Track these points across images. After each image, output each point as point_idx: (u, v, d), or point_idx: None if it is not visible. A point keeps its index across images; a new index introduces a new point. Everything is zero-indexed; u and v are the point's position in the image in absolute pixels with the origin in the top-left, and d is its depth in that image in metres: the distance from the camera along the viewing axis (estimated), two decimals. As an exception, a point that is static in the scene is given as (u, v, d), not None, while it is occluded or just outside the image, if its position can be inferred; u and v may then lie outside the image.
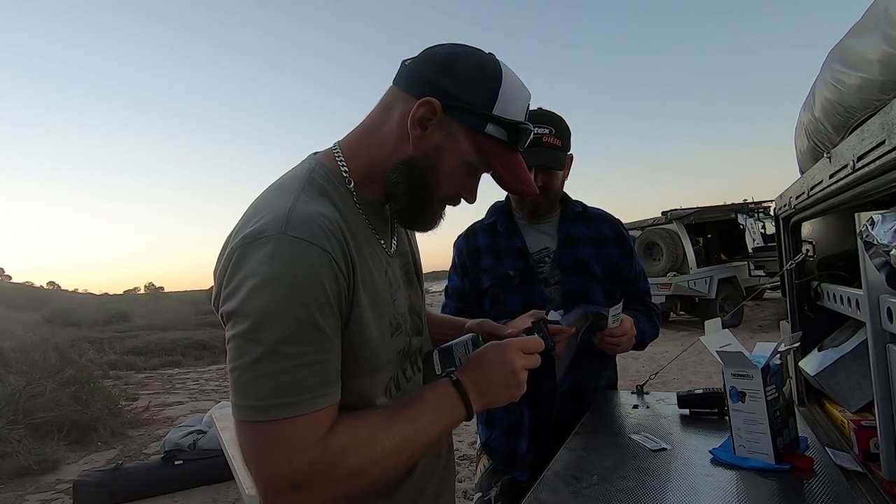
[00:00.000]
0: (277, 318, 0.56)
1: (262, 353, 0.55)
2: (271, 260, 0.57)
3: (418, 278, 0.86)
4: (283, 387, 0.56)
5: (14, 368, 5.44)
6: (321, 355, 0.59)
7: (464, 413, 0.69)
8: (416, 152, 0.68)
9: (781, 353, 0.91)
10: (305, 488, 0.57)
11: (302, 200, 0.64)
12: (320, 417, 0.58)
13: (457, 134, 0.68)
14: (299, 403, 0.56)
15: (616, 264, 1.36)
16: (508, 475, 1.33)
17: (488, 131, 0.67)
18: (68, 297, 31.95)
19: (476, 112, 0.67)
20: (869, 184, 0.80)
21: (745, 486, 0.78)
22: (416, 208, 0.72)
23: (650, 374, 1.53)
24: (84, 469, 3.75)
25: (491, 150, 0.69)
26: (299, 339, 0.57)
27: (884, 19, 0.74)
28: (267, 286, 0.56)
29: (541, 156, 1.26)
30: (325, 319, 0.59)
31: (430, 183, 0.70)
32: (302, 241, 0.58)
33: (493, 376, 0.71)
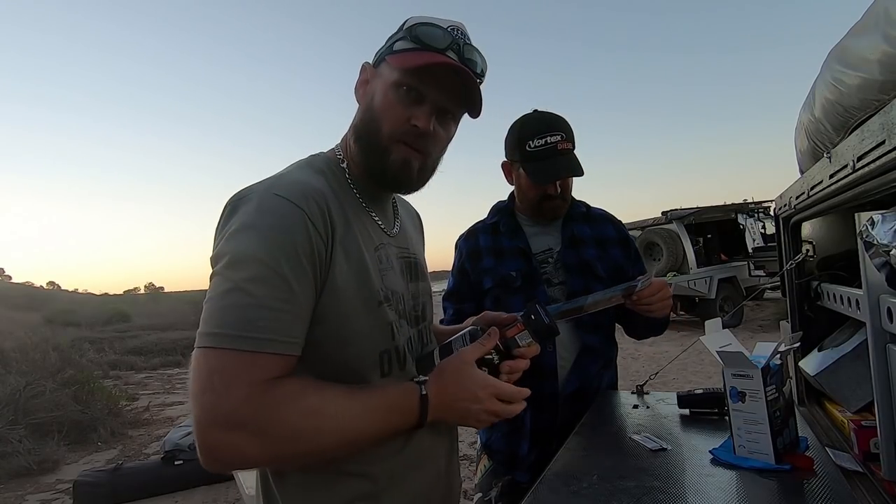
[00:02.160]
0: (247, 260, 0.61)
1: (229, 287, 0.60)
2: (252, 211, 0.64)
3: (421, 276, 0.88)
4: (238, 321, 0.58)
5: (14, 368, 5.45)
6: (281, 304, 0.61)
7: (416, 422, 0.69)
8: (364, 108, 0.76)
9: (781, 353, 0.91)
10: (237, 427, 0.57)
11: (294, 173, 0.72)
12: (267, 361, 0.59)
13: (382, 71, 0.75)
14: (249, 339, 0.58)
15: (620, 265, 1.36)
16: (509, 476, 1.33)
17: (396, 48, 0.73)
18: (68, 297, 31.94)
19: (387, 45, 0.75)
20: (869, 184, 0.80)
21: (745, 486, 0.78)
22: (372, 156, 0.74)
23: (650, 374, 1.53)
24: (84, 469, 3.75)
25: (400, 57, 0.72)
26: (263, 282, 0.60)
27: (884, 19, 0.74)
28: (243, 231, 0.62)
29: (562, 167, 1.27)
30: (291, 271, 0.62)
31: (371, 123, 0.74)
32: (281, 198, 0.64)
33: (459, 404, 0.70)
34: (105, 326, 14.63)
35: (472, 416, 0.71)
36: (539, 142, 1.26)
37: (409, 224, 0.94)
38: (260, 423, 0.58)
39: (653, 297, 1.12)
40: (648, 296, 1.12)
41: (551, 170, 1.27)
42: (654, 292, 1.12)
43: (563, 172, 1.28)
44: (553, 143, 1.26)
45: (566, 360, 1.29)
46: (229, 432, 0.57)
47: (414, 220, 1.00)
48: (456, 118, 0.78)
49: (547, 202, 1.32)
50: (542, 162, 1.27)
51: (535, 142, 1.26)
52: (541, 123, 1.28)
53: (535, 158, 1.27)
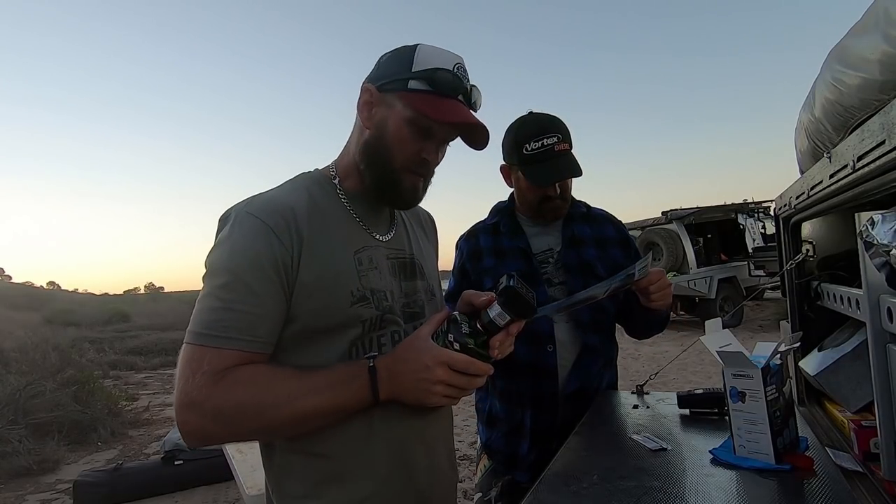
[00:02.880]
0: (219, 270, 0.72)
1: (206, 293, 0.72)
2: (228, 228, 0.75)
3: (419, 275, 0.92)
4: (208, 321, 0.70)
5: (14, 368, 5.45)
6: (244, 306, 0.70)
7: (369, 397, 0.73)
8: (369, 132, 0.82)
9: (781, 353, 0.91)
10: (197, 408, 0.67)
11: (272, 192, 0.81)
12: (228, 355, 0.69)
13: (392, 102, 0.80)
14: (212, 336, 0.69)
15: (620, 265, 1.36)
16: (509, 475, 1.33)
17: (411, 87, 0.78)
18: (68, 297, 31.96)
19: (398, 77, 0.79)
20: (869, 184, 0.80)
21: (745, 486, 0.78)
22: (382, 181, 0.82)
23: (650, 374, 1.53)
24: (84, 469, 3.75)
25: (419, 100, 0.78)
26: (230, 288, 0.70)
27: (884, 19, 0.74)
28: (219, 246, 0.74)
29: (561, 168, 1.27)
30: (254, 278, 0.71)
31: (384, 152, 0.80)
32: (251, 216, 0.74)
33: (409, 376, 0.73)
34: (105, 326, 14.62)
35: (424, 389, 0.72)
36: (536, 144, 1.26)
37: (415, 228, 1.00)
38: (214, 403, 0.67)
39: (652, 286, 1.12)
40: (647, 285, 1.11)
41: (550, 171, 1.26)
42: (653, 281, 1.11)
43: (562, 174, 1.28)
44: (550, 145, 1.25)
45: (566, 359, 1.29)
46: (192, 413, 0.67)
47: (424, 223, 1.06)
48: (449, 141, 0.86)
49: (547, 203, 1.32)
50: (540, 164, 1.27)
51: (533, 144, 1.26)
52: (537, 125, 1.28)
53: (534, 161, 1.27)
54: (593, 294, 0.99)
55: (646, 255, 1.11)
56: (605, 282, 1.03)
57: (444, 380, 0.72)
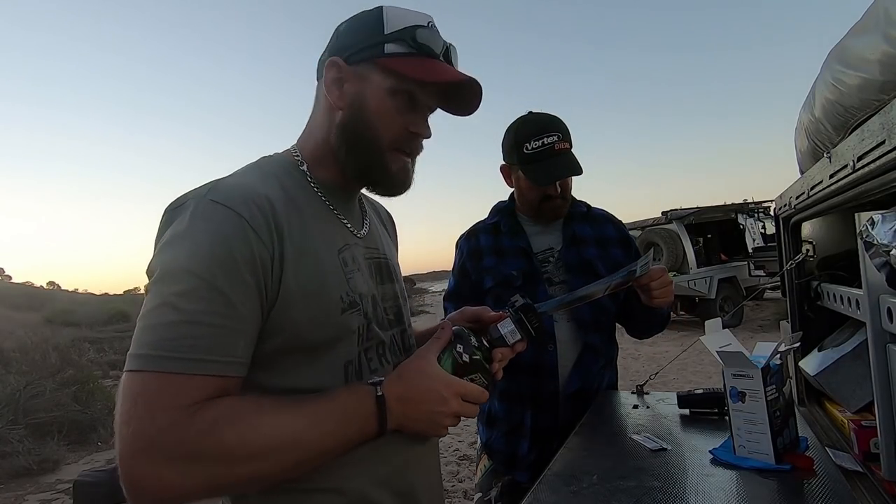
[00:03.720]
0: (178, 273, 0.55)
1: (157, 304, 0.55)
2: (186, 220, 0.58)
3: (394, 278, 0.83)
4: (166, 340, 0.53)
5: (14, 368, 5.45)
6: (217, 318, 0.55)
7: (375, 430, 0.62)
8: (343, 111, 0.70)
9: (781, 353, 0.91)
10: (164, 455, 0.50)
11: (236, 177, 0.66)
12: (200, 384, 0.53)
13: (366, 73, 0.69)
14: (177, 360, 0.52)
15: (621, 265, 1.36)
16: (509, 476, 1.33)
17: (388, 51, 0.68)
18: (68, 297, 31.95)
19: (369, 44, 0.68)
20: (869, 184, 0.80)
21: (745, 486, 0.78)
22: (368, 165, 0.71)
23: (650, 374, 1.53)
24: (84, 469, 3.75)
25: (399, 64, 0.67)
26: (195, 296, 0.54)
27: (884, 19, 0.74)
28: (174, 242, 0.58)
29: (561, 166, 1.27)
30: (229, 284, 0.56)
31: (366, 131, 0.69)
32: (218, 205, 0.59)
33: (423, 407, 0.65)
34: (105, 326, 14.61)
35: (436, 421, 0.66)
36: (536, 143, 1.26)
37: (380, 224, 0.89)
38: (187, 450, 0.51)
39: (653, 283, 1.12)
40: (649, 282, 1.11)
41: (550, 171, 1.27)
42: (654, 278, 1.11)
43: (562, 172, 1.28)
44: (550, 144, 1.26)
45: (567, 359, 1.29)
46: (154, 463, 0.50)
47: (385, 221, 0.95)
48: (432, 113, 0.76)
49: (547, 203, 1.32)
50: (540, 163, 1.27)
51: (533, 143, 1.26)
52: (537, 125, 1.28)
53: (534, 160, 1.27)
54: (594, 291, 0.99)
55: (646, 253, 1.11)
56: (606, 279, 1.03)
57: (457, 411, 0.66)
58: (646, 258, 1.07)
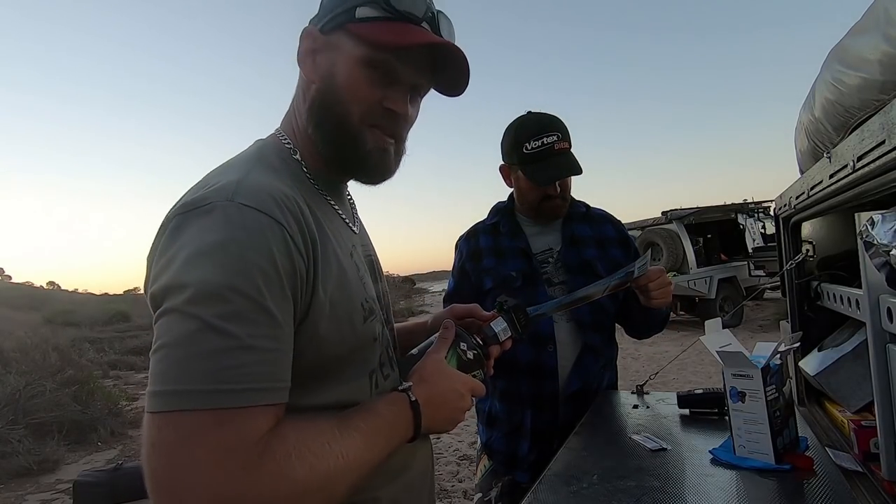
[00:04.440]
0: (220, 292, 0.46)
1: (199, 328, 0.45)
2: (215, 227, 0.49)
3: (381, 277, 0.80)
4: (222, 370, 0.45)
5: (14, 368, 5.45)
6: (270, 342, 0.49)
7: (411, 435, 0.61)
8: (318, 84, 0.63)
9: (781, 353, 0.91)
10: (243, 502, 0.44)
11: (253, 173, 0.57)
12: (261, 417, 0.47)
13: (338, 42, 0.62)
14: (240, 393, 0.45)
15: (620, 265, 1.36)
16: (509, 476, 1.33)
17: (360, 15, 0.60)
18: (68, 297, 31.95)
19: (342, 9, 0.62)
20: (869, 184, 0.80)
21: (745, 486, 0.78)
22: (338, 143, 0.64)
23: (650, 374, 1.53)
24: (84, 469, 3.75)
25: (371, 30, 0.60)
26: (244, 318, 0.47)
27: (884, 19, 0.74)
28: (210, 255, 0.48)
29: (561, 167, 1.27)
30: (274, 301, 0.49)
31: (337, 106, 0.62)
32: (252, 210, 0.51)
33: (447, 407, 0.66)
34: (105, 326, 14.62)
35: (454, 417, 0.67)
36: (536, 143, 1.26)
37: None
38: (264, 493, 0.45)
39: (651, 284, 1.12)
40: (647, 282, 1.11)
41: (550, 170, 1.27)
42: (652, 279, 1.12)
43: (562, 172, 1.28)
44: (550, 144, 1.26)
45: (567, 359, 1.29)
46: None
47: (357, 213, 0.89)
48: (424, 94, 0.69)
49: (547, 203, 1.32)
50: (540, 163, 1.27)
51: (532, 143, 1.26)
52: (536, 125, 1.28)
53: (533, 160, 1.27)
54: (592, 292, 0.99)
55: (645, 254, 1.11)
56: (605, 280, 1.03)
57: (469, 406, 0.69)
58: (644, 259, 1.08)
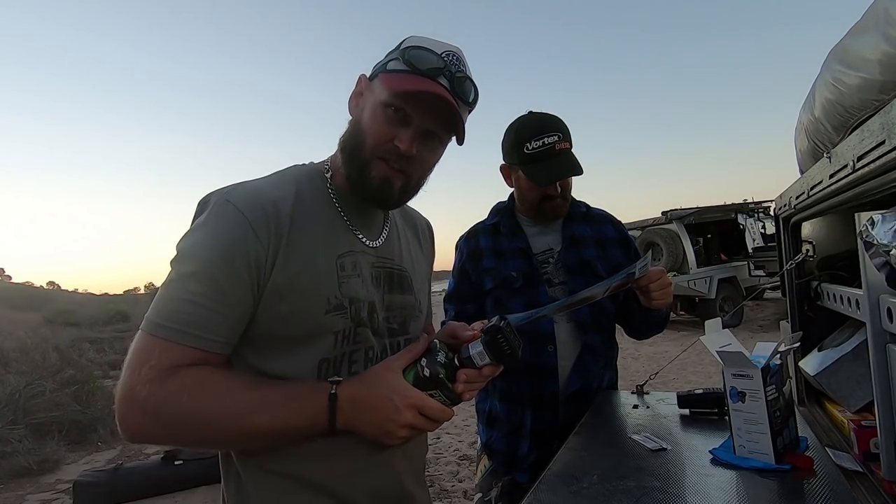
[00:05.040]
0: (189, 257, 0.67)
1: (171, 279, 0.66)
2: (205, 214, 0.69)
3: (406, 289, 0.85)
4: (168, 311, 0.64)
5: (14, 368, 5.45)
6: (209, 302, 0.64)
7: (325, 425, 0.66)
8: (353, 119, 0.78)
9: (781, 353, 0.91)
10: (137, 404, 0.62)
11: (258, 181, 0.74)
12: (180, 351, 0.63)
13: (374, 87, 0.76)
14: (168, 328, 0.63)
15: (620, 265, 1.36)
16: (509, 476, 1.33)
17: (390, 67, 0.75)
18: (68, 297, 31.95)
19: (383, 61, 0.77)
20: (869, 184, 0.80)
21: (745, 486, 0.78)
22: (354, 171, 0.75)
23: (650, 374, 1.53)
24: (84, 469, 3.75)
25: (391, 78, 0.73)
26: (197, 280, 0.65)
27: (884, 19, 0.74)
28: (194, 231, 0.69)
29: (562, 167, 1.27)
30: (224, 274, 0.65)
31: (357, 136, 0.75)
32: (230, 205, 0.68)
33: (374, 413, 0.67)
34: (105, 326, 14.60)
35: (387, 428, 0.67)
36: (537, 143, 1.26)
37: (408, 236, 0.93)
38: (156, 404, 0.61)
39: (652, 284, 1.12)
40: (648, 283, 1.11)
41: (551, 170, 1.27)
42: (653, 279, 1.12)
43: (563, 172, 1.28)
44: (551, 144, 1.26)
45: (567, 359, 1.29)
46: (132, 408, 0.62)
47: (421, 232, 0.98)
48: (443, 141, 0.78)
49: (548, 203, 1.32)
50: (541, 163, 1.27)
51: (533, 143, 1.26)
52: (537, 125, 1.28)
53: (534, 160, 1.27)
54: (594, 293, 0.99)
55: (645, 254, 1.11)
56: (605, 281, 1.03)
57: (411, 423, 0.68)
58: (644, 259, 1.07)
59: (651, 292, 1.12)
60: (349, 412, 0.67)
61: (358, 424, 0.68)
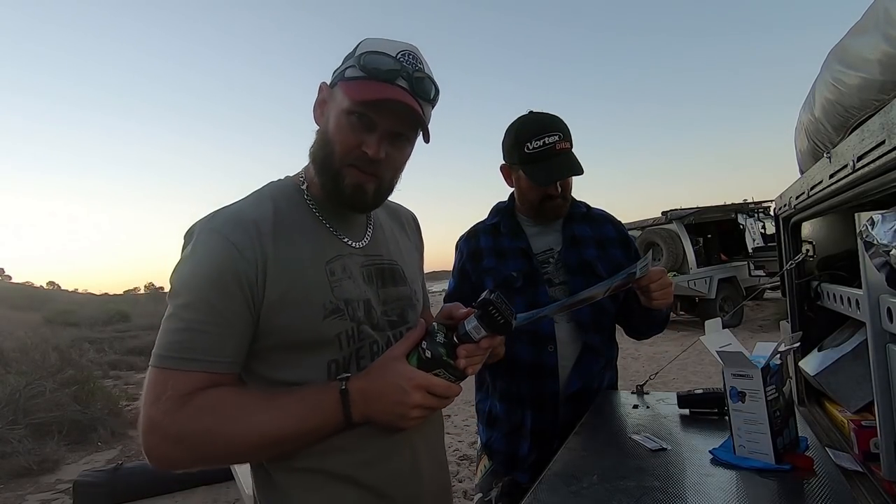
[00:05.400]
0: (181, 289, 0.69)
1: (169, 314, 0.69)
2: (191, 245, 0.72)
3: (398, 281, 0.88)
4: (170, 343, 0.67)
5: (14, 368, 5.45)
6: (207, 326, 0.68)
7: (341, 420, 0.70)
8: (319, 129, 0.79)
9: (781, 353, 0.91)
10: (160, 433, 0.65)
11: (236, 205, 0.77)
12: (192, 378, 0.67)
13: (336, 95, 0.77)
14: (175, 359, 0.67)
15: (621, 265, 1.36)
16: (509, 476, 1.33)
17: (348, 75, 0.75)
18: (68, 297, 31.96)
19: (341, 69, 0.77)
20: (869, 184, 0.80)
21: (745, 486, 0.78)
22: (327, 180, 0.77)
23: (650, 374, 1.53)
24: (84, 469, 3.75)
25: (350, 87, 0.74)
26: (192, 308, 0.68)
27: (884, 19, 0.74)
28: (182, 264, 0.71)
29: (562, 167, 1.27)
30: (218, 297, 0.68)
31: (328, 147, 0.76)
32: (213, 232, 0.71)
33: (385, 399, 0.70)
34: (105, 326, 14.60)
35: (399, 411, 0.70)
36: (537, 143, 1.26)
37: (394, 230, 0.95)
38: (179, 430, 0.65)
39: (653, 284, 1.12)
40: (648, 283, 1.11)
41: (551, 170, 1.27)
42: (654, 279, 1.11)
43: (564, 172, 1.28)
44: (551, 144, 1.26)
45: (567, 359, 1.29)
46: (156, 437, 0.65)
47: (406, 224, 1.00)
48: (411, 139, 0.80)
49: (548, 202, 1.32)
50: (541, 163, 1.27)
51: (534, 143, 1.26)
52: (538, 124, 1.28)
53: (535, 160, 1.27)
54: (595, 293, 0.99)
55: (646, 254, 1.11)
56: (606, 281, 1.03)
57: (421, 403, 0.70)
58: (645, 259, 1.07)
59: (652, 292, 1.12)
60: (362, 404, 0.70)
61: (372, 413, 0.71)
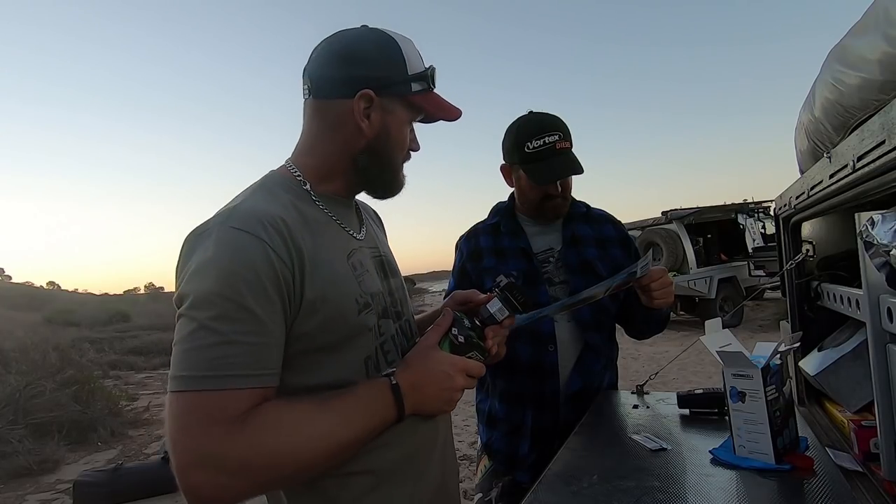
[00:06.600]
0: (210, 298, 0.60)
1: (195, 328, 0.60)
2: (211, 247, 0.63)
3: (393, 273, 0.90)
4: (209, 360, 0.58)
5: (14, 368, 5.45)
6: (251, 336, 0.61)
7: (395, 416, 0.70)
8: (371, 138, 0.78)
9: (781, 353, 0.91)
10: (217, 464, 0.57)
11: (249, 201, 0.71)
12: (244, 396, 0.60)
13: (392, 107, 0.78)
14: (222, 378, 0.58)
15: (620, 265, 1.36)
16: (509, 476, 1.33)
17: (414, 90, 0.78)
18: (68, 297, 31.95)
19: (400, 82, 0.77)
20: (869, 184, 0.80)
21: (745, 486, 0.78)
22: (387, 180, 0.83)
23: (650, 374, 1.53)
24: (84, 469, 3.75)
25: (421, 101, 0.79)
26: (229, 318, 0.60)
27: (884, 19, 0.74)
28: (204, 269, 0.62)
29: (562, 166, 1.28)
30: (257, 303, 0.61)
31: (390, 154, 0.80)
32: (239, 231, 0.64)
33: (433, 388, 0.73)
34: (105, 326, 14.60)
35: (446, 396, 0.73)
36: (538, 142, 1.26)
37: (373, 224, 0.97)
38: (239, 458, 0.58)
39: (653, 284, 1.12)
40: (649, 282, 1.11)
41: (551, 170, 1.27)
42: (654, 279, 1.12)
43: (564, 172, 1.28)
44: (552, 143, 1.26)
45: (568, 359, 1.29)
46: (209, 471, 0.57)
47: (375, 219, 1.02)
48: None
49: (548, 202, 1.32)
50: (541, 162, 1.27)
51: (534, 143, 1.26)
52: (538, 124, 1.28)
53: (535, 159, 1.27)
54: (595, 292, 0.99)
55: (646, 254, 1.11)
56: (607, 280, 1.03)
57: (462, 385, 0.74)
58: (646, 259, 1.07)
59: (652, 292, 1.12)
60: (412, 396, 0.71)
61: (422, 404, 0.72)
